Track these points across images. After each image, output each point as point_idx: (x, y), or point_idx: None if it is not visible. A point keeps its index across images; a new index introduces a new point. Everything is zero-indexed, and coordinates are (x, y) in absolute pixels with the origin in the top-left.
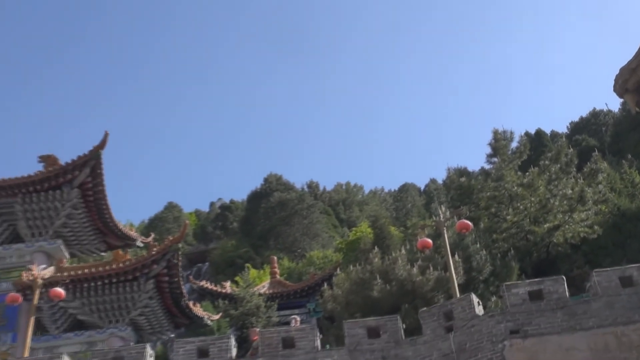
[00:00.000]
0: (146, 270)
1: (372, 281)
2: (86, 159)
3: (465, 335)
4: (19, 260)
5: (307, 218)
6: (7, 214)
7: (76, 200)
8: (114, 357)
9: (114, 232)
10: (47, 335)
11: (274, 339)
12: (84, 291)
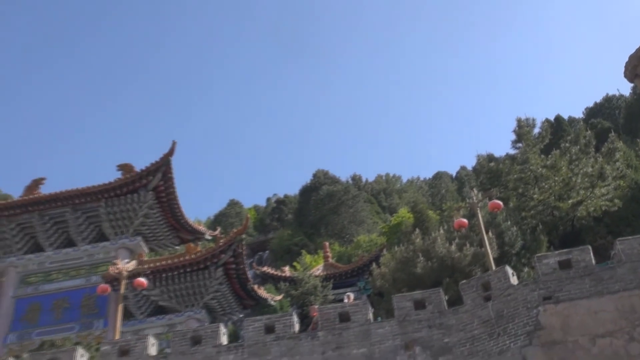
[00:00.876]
0: (215, 260)
1: (415, 259)
2: (158, 166)
3: (502, 303)
4: (105, 256)
5: (352, 207)
6: (93, 216)
7: (151, 202)
8: (192, 336)
9: (185, 228)
10: (133, 320)
11: (331, 314)
12: (162, 280)
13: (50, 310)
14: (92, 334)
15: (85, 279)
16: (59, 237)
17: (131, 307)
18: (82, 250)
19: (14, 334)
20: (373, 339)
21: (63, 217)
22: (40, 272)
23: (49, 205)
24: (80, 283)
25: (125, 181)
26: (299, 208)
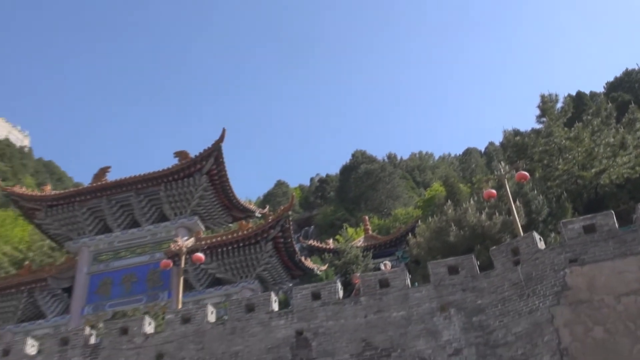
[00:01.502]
0: (265, 235)
1: (448, 229)
2: (210, 151)
3: (530, 266)
4: (167, 235)
5: (389, 183)
6: (154, 199)
7: (206, 185)
8: (247, 304)
9: (237, 207)
10: (193, 291)
11: (372, 281)
12: (218, 255)
13: (120, 284)
14: (158, 305)
15: (150, 256)
16: (125, 219)
17: (191, 280)
18: (146, 230)
19: (90, 306)
20: (411, 302)
21: (128, 200)
22: (110, 251)
23: (115, 190)
24: (146, 259)
25: (182, 167)
26: (340, 186)
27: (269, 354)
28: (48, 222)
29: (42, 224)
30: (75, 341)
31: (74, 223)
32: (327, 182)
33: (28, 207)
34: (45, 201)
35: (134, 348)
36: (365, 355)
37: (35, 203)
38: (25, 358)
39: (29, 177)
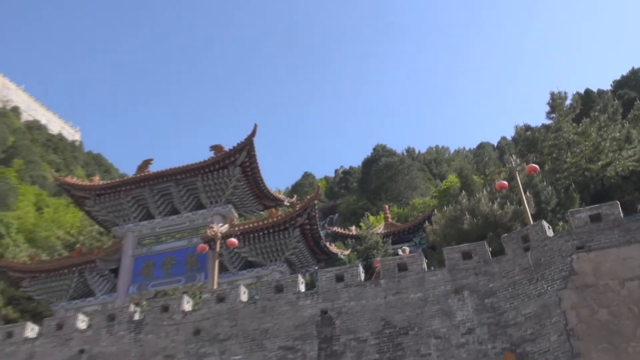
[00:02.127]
0: (293, 222)
1: (462, 217)
2: (243, 145)
3: (539, 252)
4: (203, 221)
5: (407, 175)
6: (192, 189)
7: (239, 176)
8: (276, 285)
9: (267, 196)
10: (228, 273)
11: (391, 265)
12: (250, 240)
13: (162, 266)
14: (195, 285)
15: (188, 240)
16: (165, 206)
17: (225, 262)
18: (185, 217)
19: (134, 286)
20: (427, 285)
21: (168, 190)
22: (152, 236)
23: (157, 181)
24: (184, 244)
25: (217, 159)
26: (362, 177)
27: (296, 331)
28: (97, 209)
29: (91, 211)
30: (121, 317)
31: (119, 210)
32: (350, 174)
33: (79, 196)
34: (94, 190)
35: (174, 324)
36: (385, 333)
37: (85, 192)
38: (76, 332)
39: (79, 168)
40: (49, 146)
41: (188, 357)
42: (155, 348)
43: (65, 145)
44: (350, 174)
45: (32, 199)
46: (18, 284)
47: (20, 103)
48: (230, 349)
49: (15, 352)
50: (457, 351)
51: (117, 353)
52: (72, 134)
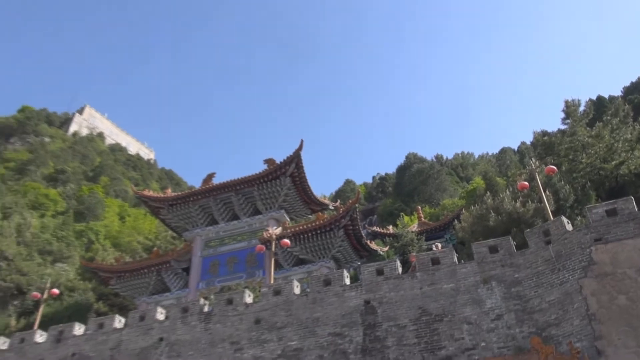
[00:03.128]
0: (337, 223)
1: (488, 215)
2: (292, 158)
3: (560, 245)
4: (260, 225)
5: (437, 179)
6: (250, 197)
7: (289, 185)
8: (325, 279)
9: (314, 201)
10: (282, 269)
11: (425, 259)
12: (301, 240)
13: (226, 265)
14: (255, 280)
15: (248, 242)
16: (227, 213)
17: (280, 260)
18: (244, 222)
19: (203, 282)
20: (458, 276)
21: (229, 199)
22: (217, 239)
23: (219, 191)
24: (244, 245)
25: (270, 171)
26: (397, 182)
27: (343, 319)
28: (170, 217)
29: (165, 218)
30: (193, 309)
31: (189, 217)
32: (386, 180)
33: (154, 206)
34: (167, 201)
35: (238, 315)
36: (422, 320)
37: (160, 203)
38: (156, 322)
39: (154, 182)
40: (129, 165)
41: (251, 343)
42: (222, 335)
43: (142, 164)
44: (386, 179)
45: (116, 210)
46: (107, 282)
47: (104, 129)
48: (287, 336)
49: (107, 341)
50: (487, 335)
51: (191, 340)
52: (147, 154)
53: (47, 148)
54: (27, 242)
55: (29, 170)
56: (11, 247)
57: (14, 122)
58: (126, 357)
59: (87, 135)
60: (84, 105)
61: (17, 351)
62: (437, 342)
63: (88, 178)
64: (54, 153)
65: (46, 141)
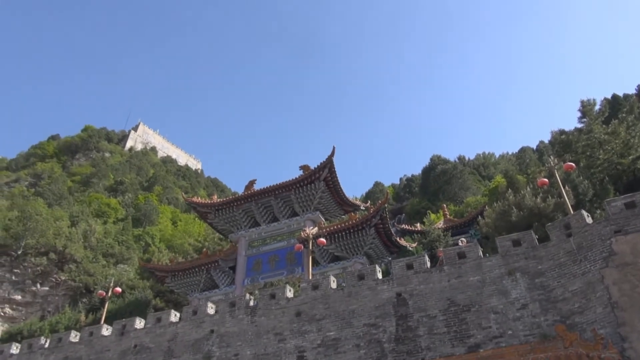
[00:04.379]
0: (369, 222)
1: (510, 211)
2: (325, 164)
3: (581, 237)
4: (297, 226)
5: (460, 178)
6: (287, 201)
7: (323, 188)
8: (359, 274)
9: (346, 203)
10: (319, 266)
11: (452, 254)
12: (336, 239)
13: (268, 263)
14: (295, 277)
15: (287, 242)
16: (268, 215)
17: (317, 258)
18: (283, 223)
19: (248, 279)
20: (484, 269)
21: (269, 203)
22: (259, 239)
23: (260, 196)
24: (284, 244)
25: (305, 176)
26: (422, 183)
27: (377, 310)
28: (216, 221)
29: (212, 222)
30: (240, 304)
31: (233, 221)
32: (412, 181)
33: (203, 211)
34: (213, 207)
35: (280, 308)
36: (451, 311)
37: (207, 208)
38: (207, 316)
39: (202, 190)
40: (179, 175)
41: (293, 334)
42: (267, 327)
43: (190, 173)
44: (412, 180)
45: (169, 215)
46: (163, 281)
47: (156, 143)
48: (325, 327)
49: (164, 333)
50: (513, 324)
51: (239, 332)
52: (195, 164)
53: (107, 162)
54: (92, 246)
55: (93, 183)
56: (79, 251)
57: (79, 141)
58: (182, 347)
59: (142, 149)
60: (138, 123)
61: (86, 343)
62: (465, 331)
63: (143, 188)
64: (114, 167)
65: (106, 156)
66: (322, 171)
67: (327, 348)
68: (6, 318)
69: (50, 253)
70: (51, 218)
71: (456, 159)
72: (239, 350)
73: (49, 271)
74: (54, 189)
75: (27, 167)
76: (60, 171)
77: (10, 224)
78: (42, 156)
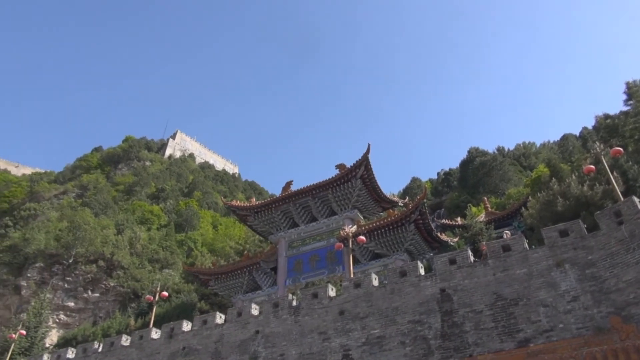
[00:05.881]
0: (408, 219)
1: (555, 201)
2: (361, 162)
3: (633, 225)
4: (336, 225)
5: (500, 170)
6: (325, 200)
7: (360, 186)
8: (400, 271)
9: (384, 200)
10: (360, 264)
11: (496, 247)
12: (375, 236)
13: (308, 263)
14: (336, 275)
15: (326, 241)
16: (306, 216)
17: (357, 256)
18: (322, 223)
19: (289, 279)
20: (530, 261)
21: (307, 203)
22: (299, 240)
23: (298, 197)
24: (324, 244)
25: (342, 175)
26: (461, 176)
27: (421, 307)
28: (256, 223)
29: (252, 224)
30: (283, 304)
31: (273, 222)
32: (450, 174)
33: (242, 214)
34: (252, 209)
35: (323, 307)
36: (497, 305)
37: (246, 211)
38: (251, 317)
39: (240, 193)
40: (217, 179)
41: (337, 333)
42: (311, 327)
43: (228, 178)
44: (450, 174)
45: (209, 220)
46: (206, 284)
47: (194, 150)
48: (369, 325)
49: (210, 335)
50: (565, 317)
51: (283, 332)
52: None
53: (148, 171)
54: (138, 252)
55: (135, 191)
56: (126, 257)
57: (120, 151)
58: (228, 348)
59: (180, 156)
60: (176, 131)
61: (137, 346)
62: (514, 325)
63: (184, 194)
64: (154, 174)
65: (147, 165)
66: (358, 169)
67: (372, 346)
68: (61, 324)
69: (99, 260)
70: (98, 227)
71: (495, 150)
72: (285, 350)
73: (99, 278)
74: (99, 198)
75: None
76: (105, 181)
77: (61, 234)
78: (87, 168)
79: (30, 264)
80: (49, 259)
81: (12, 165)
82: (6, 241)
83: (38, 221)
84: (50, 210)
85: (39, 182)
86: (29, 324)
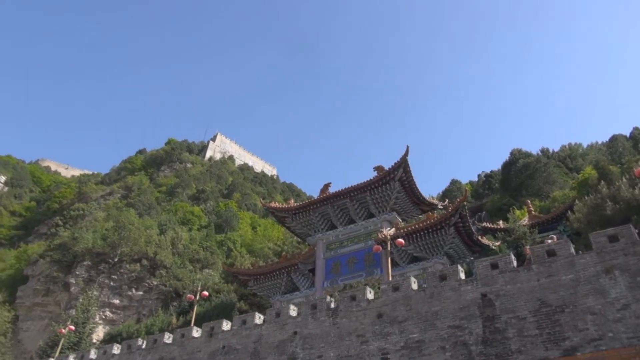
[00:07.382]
0: (448, 222)
1: (604, 204)
2: (399, 164)
3: None
4: (374, 227)
5: (545, 172)
6: (363, 202)
7: (399, 188)
8: (440, 275)
9: (423, 202)
10: (398, 267)
11: (541, 251)
12: (414, 239)
13: (346, 265)
14: (374, 278)
15: (364, 243)
16: (344, 218)
17: (395, 259)
18: (360, 225)
19: (327, 281)
20: (577, 267)
21: (345, 205)
22: (337, 242)
23: (336, 199)
24: (362, 246)
25: (380, 177)
26: (503, 178)
27: (461, 312)
28: (294, 225)
29: (290, 226)
30: (321, 306)
31: (311, 224)
32: (491, 177)
33: (280, 216)
34: (291, 211)
35: (361, 310)
36: (542, 311)
37: (285, 213)
38: (290, 318)
39: (278, 195)
40: (256, 181)
41: (375, 336)
42: (348, 329)
43: (267, 179)
44: (491, 176)
45: (248, 221)
46: (246, 284)
47: (234, 152)
48: (408, 329)
49: (250, 335)
50: (614, 325)
51: (321, 334)
52: (270, 170)
53: (189, 172)
54: (179, 252)
55: (177, 192)
56: (168, 257)
57: (163, 153)
58: (267, 349)
59: (220, 158)
60: (216, 133)
61: (179, 344)
62: (559, 333)
63: (223, 195)
64: (195, 176)
65: (188, 167)
66: (396, 171)
67: (411, 350)
68: (107, 321)
69: (143, 260)
70: (142, 227)
71: (539, 152)
72: (322, 352)
73: (143, 277)
74: (143, 199)
75: (118, 181)
76: (148, 183)
77: (107, 233)
78: (132, 169)
79: (78, 262)
80: (96, 257)
81: (62, 167)
82: (56, 240)
83: (86, 221)
84: (97, 210)
85: (86, 183)
86: (78, 319)
